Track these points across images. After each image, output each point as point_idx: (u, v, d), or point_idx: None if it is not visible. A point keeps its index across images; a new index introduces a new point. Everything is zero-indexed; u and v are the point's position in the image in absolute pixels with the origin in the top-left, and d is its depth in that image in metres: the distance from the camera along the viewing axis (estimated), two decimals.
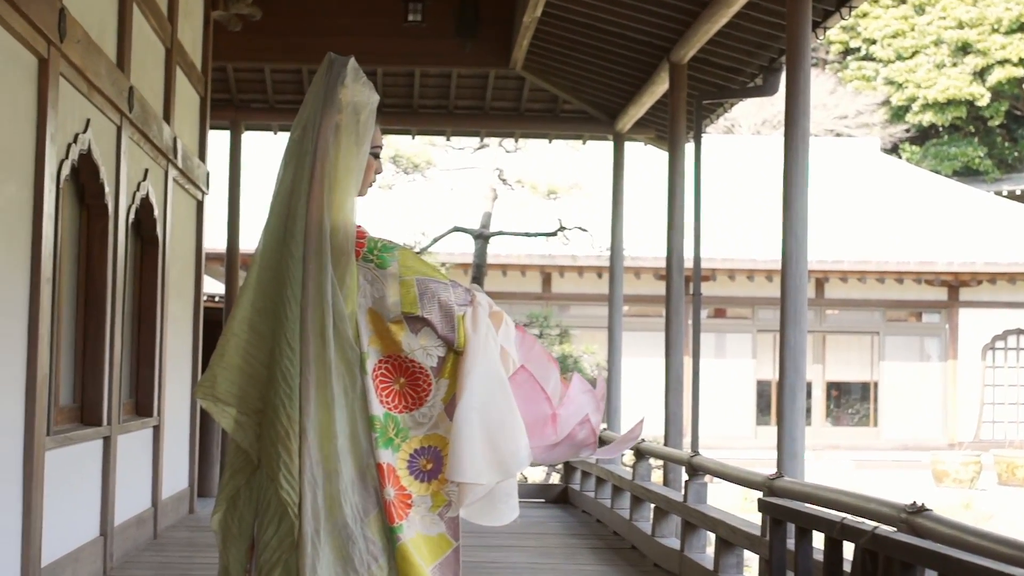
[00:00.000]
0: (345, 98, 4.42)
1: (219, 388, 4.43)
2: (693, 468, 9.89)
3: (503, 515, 4.40)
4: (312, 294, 4.35)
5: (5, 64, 7.01)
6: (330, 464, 4.33)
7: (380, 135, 4.61)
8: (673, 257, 13.11)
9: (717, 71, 13.85)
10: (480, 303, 4.34)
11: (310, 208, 4.39)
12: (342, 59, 4.48)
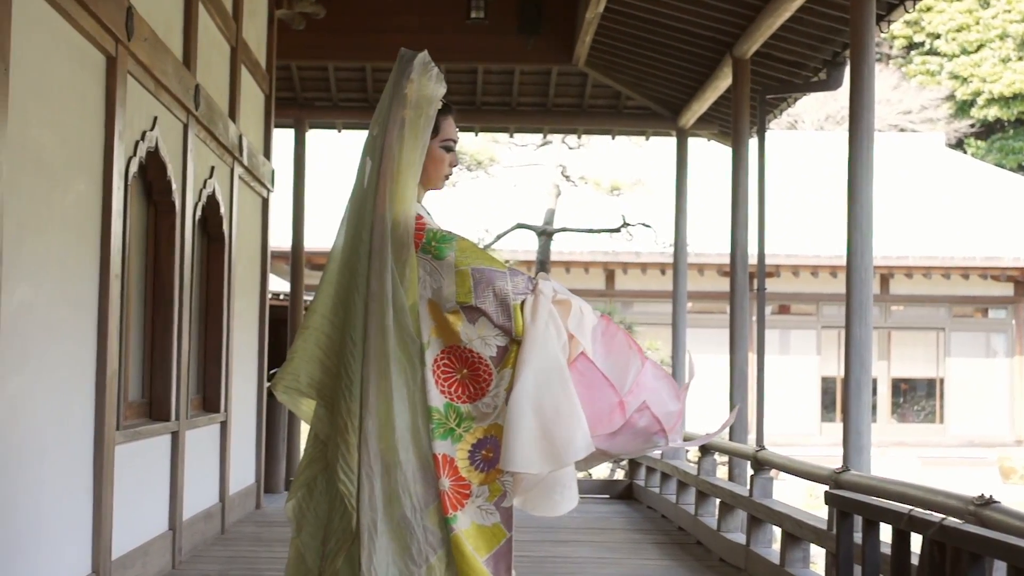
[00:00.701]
0: (411, 93, 4.48)
1: (300, 380, 4.53)
2: (759, 463, 9.87)
3: (559, 505, 4.38)
4: (375, 288, 4.42)
5: (75, 62, 7.08)
6: (390, 456, 4.38)
7: (453, 128, 4.65)
8: (737, 253, 13.09)
9: (780, 66, 13.80)
10: (542, 292, 4.34)
11: (376, 203, 4.46)
12: (410, 54, 4.54)
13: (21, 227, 6.18)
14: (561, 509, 4.40)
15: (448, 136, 4.64)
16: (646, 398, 4.23)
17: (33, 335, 6.43)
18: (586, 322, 4.37)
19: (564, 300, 4.37)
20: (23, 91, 6.12)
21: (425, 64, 4.56)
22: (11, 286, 5.98)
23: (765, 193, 13.14)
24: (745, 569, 9.77)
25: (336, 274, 4.57)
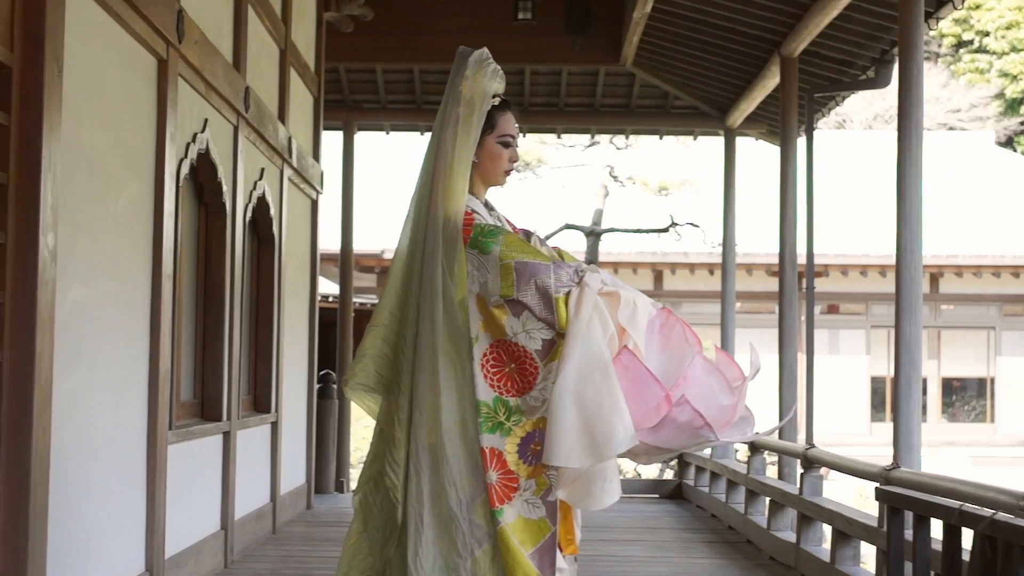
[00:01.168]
0: (465, 90, 4.54)
1: (368, 376, 4.60)
2: (808, 461, 9.86)
3: (599, 498, 4.37)
4: (427, 284, 4.47)
5: (126, 65, 7.15)
6: (438, 450, 4.42)
7: (511, 124, 4.67)
8: (786, 252, 13.05)
9: (828, 64, 13.76)
10: (587, 284, 4.34)
11: (431, 201, 4.52)
12: (467, 51, 4.60)
13: (75, 227, 6.25)
14: (603, 502, 4.39)
15: (505, 131, 4.66)
16: (689, 392, 4.20)
17: (86, 335, 6.49)
18: (639, 315, 4.34)
19: (612, 292, 4.35)
20: (76, 93, 6.19)
21: (480, 61, 4.61)
22: (65, 286, 6.04)
23: (814, 192, 13.11)
24: (795, 567, 9.76)
25: (400, 272, 4.64)
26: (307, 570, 9.76)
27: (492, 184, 4.75)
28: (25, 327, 5.57)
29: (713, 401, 4.23)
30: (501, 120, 4.67)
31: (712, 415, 4.22)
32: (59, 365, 5.93)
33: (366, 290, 28.95)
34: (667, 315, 4.43)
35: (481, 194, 4.73)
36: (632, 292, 4.42)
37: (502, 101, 4.69)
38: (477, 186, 4.71)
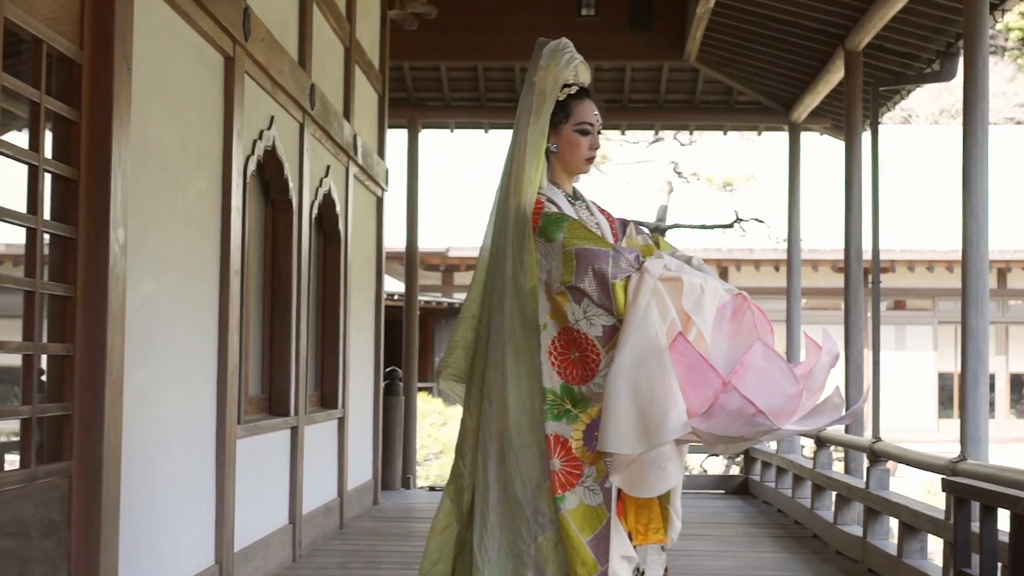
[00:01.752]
0: (539, 80, 4.59)
1: (459, 367, 4.66)
2: (874, 454, 9.83)
3: (654, 485, 4.33)
4: (500, 274, 4.52)
5: (194, 63, 7.23)
6: (506, 438, 4.46)
7: (589, 112, 4.67)
8: (851, 247, 13.00)
9: (893, 57, 13.69)
10: (647, 270, 4.31)
11: (508, 191, 4.59)
12: (544, 42, 4.66)
13: (145, 223, 6.32)
14: (657, 489, 4.35)
15: (582, 119, 4.66)
16: (746, 379, 4.12)
17: (156, 329, 6.57)
18: (706, 301, 4.30)
19: (674, 277, 4.32)
20: (145, 91, 6.26)
21: (554, 50, 4.64)
22: (135, 280, 6.11)
23: (879, 187, 13.05)
24: (862, 561, 9.73)
25: (484, 264, 4.70)
26: (374, 564, 9.82)
27: (574, 173, 4.75)
28: (96, 321, 5.64)
29: (774, 389, 4.16)
30: (578, 108, 4.66)
31: (772, 403, 4.12)
32: (130, 359, 6.00)
33: (431, 288, 29.03)
34: (741, 301, 4.38)
35: (564, 183, 4.73)
36: (701, 277, 4.37)
37: (580, 89, 4.69)
38: (559, 175, 4.72)
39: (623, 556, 4.40)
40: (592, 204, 4.83)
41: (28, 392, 5.23)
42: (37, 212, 5.23)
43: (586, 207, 4.77)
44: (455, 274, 29.88)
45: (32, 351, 5.23)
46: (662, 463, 4.29)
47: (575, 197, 4.76)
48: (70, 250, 5.55)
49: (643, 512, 4.48)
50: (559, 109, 4.64)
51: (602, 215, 4.80)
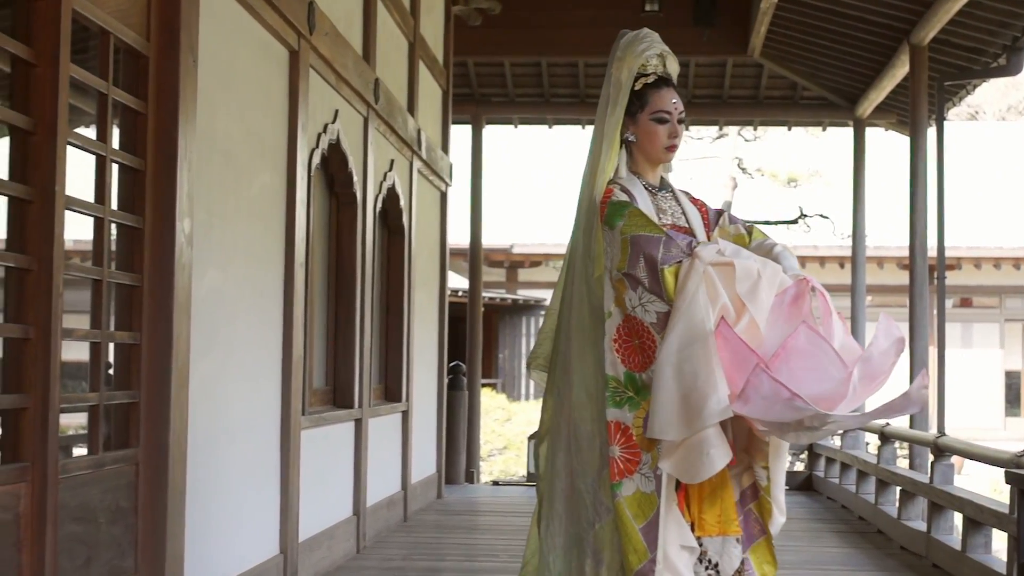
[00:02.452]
0: (615, 71, 4.63)
1: (547, 356, 4.73)
2: (939, 449, 9.78)
3: (699, 470, 4.24)
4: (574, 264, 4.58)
5: (259, 56, 7.29)
6: (573, 426, 4.50)
7: (667, 100, 4.65)
8: (916, 243, 12.97)
9: (959, 52, 13.63)
10: (699, 255, 4.26)
11: (585, 182, 4.65)
12: (623, 32, 4.69)
13: (210, 214, 6.38)
14: (702, 474, 4.26)
15: (659, 108, 4.63)
16: (789, 363, 4.07)
17: (222, 319, 6.63)
18: (762, 287, 4.24)
19: (726, 263, 4.28)
20: (210, 83, 6.32)
21: (631, 41, 4.66)
22: (201, 271, 6.18)
23: (944, 183, 12.98)
24: (926, 556, 9.69)
25: (568, 256, 4.74)
26: (438, 556, 9.86)
27: (655, 162, 4.72)
28: (163, 310, 5.71)
29: (821, 374, 4.12)
30: (655, 97, 4.64)
31: (821, 389, 4.06)
32: (195, 348, 6.06)
33: (495, 285, 29.06)
34: (803, 286, 4.31)
35: (646, 172, 4.72)
36: (759, 263, 4.31)
37: (659, 78, 4.67)
38: (641, 165, 4.72)
39: (682, 546, 4.36)
40: (683, 194, 4.81)
41: (96, 380, 5.30)
42: (105, 202, 5.30)
43: (672, 197, 4.76)
44: (519, 271, 29.88)
45: (100, 339, 5.30)
46: (705, 448, 4.21)
47: (660, 187, 4.75)
48: (137, 240, 5.62)
49: (712, 503, 4.44)
50: (636, 99, 4.63)
51: (693, 205, 4.78)
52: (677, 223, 4.66)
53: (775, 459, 4.49)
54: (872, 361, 4.17)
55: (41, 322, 4.75)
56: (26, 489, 4.69)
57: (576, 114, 17.57)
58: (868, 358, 4.16)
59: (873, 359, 4.17)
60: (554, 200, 28.17)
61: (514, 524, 11.92)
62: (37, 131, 4.76)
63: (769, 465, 4.48)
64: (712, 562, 4.43)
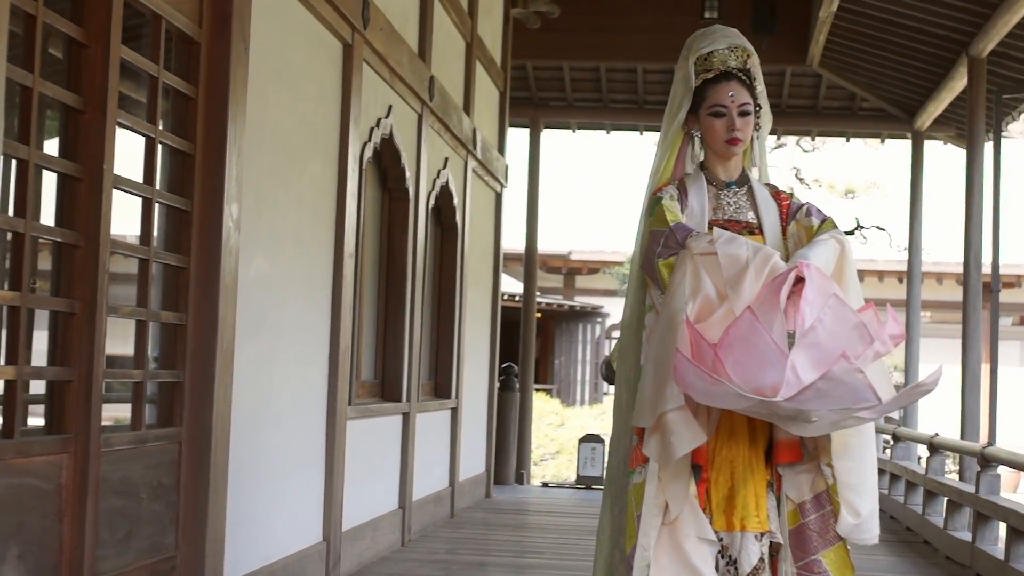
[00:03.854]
0: (679, 70, 4.68)
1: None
2: (985, 459, 9.77)
3: (664, 456, 4.28)
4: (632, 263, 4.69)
5: (312, 48, 7.39)
6: (616, 418, 4.60)
7: (723, 93, 4.60)
8: (971, 256, 12.98)
9: (1017, 65, 13.60)
10: (689, 247, 4.29)
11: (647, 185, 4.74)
12: (696, 32, 4.76)
13: (259, 201, 6.48)
14: (663, 460, 4.30)
15: (715, 102, 4.58)
16: (726, 350, 4.03)
17: (269, 305, 6.72)
18: (748, 275, 4.19)
19: (711, 252, 4.26)
20: (262, 73, 6.41)
21: (695, 38, 4.68)
22: (248, 256, 6.27)
23: (1000, 196, 12.94)
24: (970, 566, 9.68)
25: (634, 255, 4.83)
26: (484, 552, 9.92)
27: (721, 156, 4.67)
28: (209, 292, 5.80)
29: (760, 360, 4.02)
30: (712, 91, 4.60)
31: (761, 375, 4.01)
32: (241, 331, 6.15)
33: (552, 291, 29.12)
34: (785, 273, 4.18)
35: (716, 167, 4.69)
36: (750, 250, 4.25)
37: (721, 73, 4.62)
38: (711, 160, 4.70)
39: (700, 537, 4.37)
40: (766, 188, 4.74)
41: (141, 357, 5.40)
42: (152, 183, 5.40)
43: (747, 192, 4.70)
44: (577, 277, 29.93)
45: (145, 317, 5.40)
46: (666, 435, 4.24)
47: (734, 182, 4.70)
48: (184, 222, 5.72)
49: (733, 499, 4.44)
50: (697, 95, 4.62)
51: (775, 199, 4.70)
52: (739, 219, 4.62)
53: (840, 458, 4.40)
54: (819, 347, 4.03)
55: (87, 298, 4.85)
56: (68, 460, 4.79)
57: (634, 119, 17.62)
58: (812, 344, 4.03)
59: (820, 345, 4.04)
60: (612, 207, 28.21)
61: (562, 524, 11.98)
62: (87, 110, 4.86)
63: (833, 464, 4.41)
64: (732, 558, 4.44)
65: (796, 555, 4.41)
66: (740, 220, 4.61)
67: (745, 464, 4.42)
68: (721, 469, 4.44)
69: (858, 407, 4.01)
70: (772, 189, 4.72)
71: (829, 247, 4.40)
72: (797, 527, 4.42)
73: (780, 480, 4.47)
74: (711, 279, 4.24)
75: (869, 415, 4.12)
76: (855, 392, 3.96)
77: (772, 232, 4.58)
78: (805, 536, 4.40)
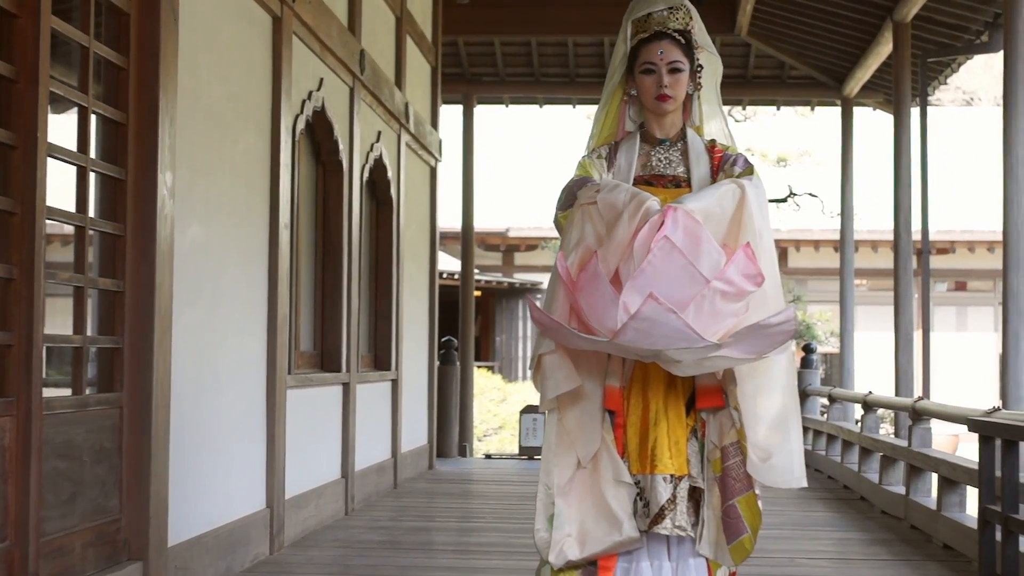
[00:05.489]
0: (620, 33, 4.83)
1: None
2: (917, 413, 9.95)
3: (542, 394, 4.57)
4: None
5: (241, 20, 7.47)
6: None
7: (651, 52, 4.68)
8: (900, 220, 13.20)
9: (941, 29, 13.77)
10: (578, 199, 4.51)
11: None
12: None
13: (193, 171, 6.56)
14: (542, 398, 4.58)
15: (645, 59, 4.68)
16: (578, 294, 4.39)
17: (206, 273, 6.82)
18: (622, 221, 4.34)
19: (591, 201, 4.46)
20: (192, 43, 6.50)
21: (633, 5, 4.81)
22: (183, 224, 6.36)
23: (928, 159, 13.16)
24: (905, 519, 9.86)
25: None
26: (427, 518, 10.05)
27: (655, 113, 4.75)
28: (145, 259, 5.90)
29: (598, 302, 4.29)
30: (643, 50, 4.69)
31: (594, 315, 4.28)
32: (179, 298, 6.24)
33: (492, 268, 29.22)
34: (658, 219, 4.31)
35: (652, 125, 4.78)
36: (627, 195, 4.39)
37: (654, 33, 4.69)
38: (647, 117, 4.79)
39: (616, 480, 4.52)
40: (697, 143, 4.77)
41: (80, 323, 5.50)
42: (87, 151, 5.49)
43: (681, 148, 4.77)
44: (515, 254, 30.06)
45: (83, 283, 5.50)
46: (542, 378, 4.52)
47: (668, 139, 4.78)
48: (119, 190, 5.82)
49: (644, 443, 4.56)
50: (632, 56, 4.73)
51: (709, 153, 4.75)
52: (665, 173, 4.71)
53: (744, 400, 4.52)
54: (648, 287, 4.17)
55: (25, 263, 4.94)
56: (11, 423, 4.89)
57: (567, 93, 17.74)
58: (642, 285, 4.18)
59: (650, 285, 4.18)
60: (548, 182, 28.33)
61: (505, 491, 12.13)
62: (19, 79, 4.95)
63: (740, 406, 4.52)
64: (645, 500, 4.53)
65: (724, 499, 4.51)
66: (666, 175, 4.70)
67: (659, 409, 4.53)
68: (633, 414, 4.57)
69: (681, 346, 4.16)
70: (710, 143, 4.78)
71: (721, 191, 4.46)
72: (723, 472, 4.52)
73: (704, 426, 4.58)
74: (592, 226, 4.41)
75: (738, 354, 4.26)
76: (675, 331, 4.11)
77: (700, 184, 4.65)
78: (727, 481, 4.50)
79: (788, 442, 4.51)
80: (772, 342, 4.27)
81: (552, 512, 4.54)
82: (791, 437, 4.52)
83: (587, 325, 4.32)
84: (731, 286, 4.23)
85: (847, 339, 16.89)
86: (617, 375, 4.56)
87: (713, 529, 4.53)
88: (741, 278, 4.24)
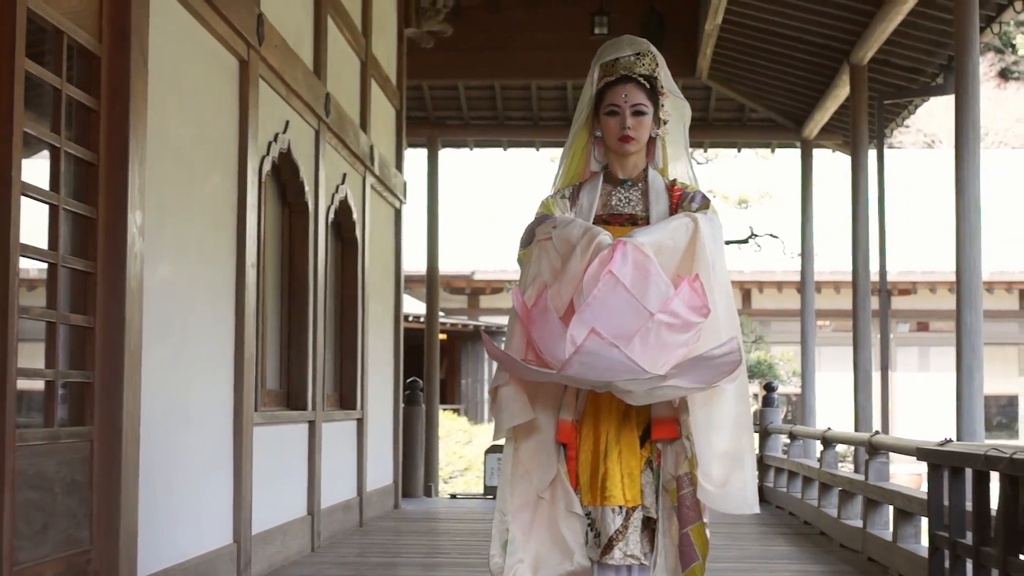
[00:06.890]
0: (588, 77, 5.00)
1: None
2: (873, 447, 10.13)
3: (496, 425, 4.76)
4: None
5: (210, 64, 7.63)
6: None
7: (615, 94, 4.83)
8: (859, 259, 13.40)
9: (897, 71, 14.01)
10: (536, 236, 4.70)
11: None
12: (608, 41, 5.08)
13: (162, 210, 6.71)
14: (495, 431, 4.77)
15: (610, 101, 4.83)
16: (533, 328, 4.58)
17: (175, 311, 6.95)
18: (575, 256, 4.52)
19: (546, 237, 4.66)
20: (161, 85, 6.64)
21: (606, 47, 4.97)
22: (153, 263, 6.49)
23: (885, 199, 13.35)
24: (862, 551, 10.02)
25: None
26: (393, 554, 10.17)
27: (618, 154, 4.91)
28: (115, 296, 6.02)
29: (547, 335, 4.47)
30: (608, 93, 4.84)
31: (545, 348, 4.47)
32: (148, 335, 6.37)
33: (457, 311, 29.32)
34: (606, 255, 4.47)
35: (616, 166, 4.93)
36: (580, 231, 4.58)
37: (619, 77, 4.83)
38: (611, 158, 4.94)
39: (568, 510, 4.68)
40: (658, 183, 4.90)
41: (51, 357, 5.62)
42: (58, 190, 5.63)
43: (639, 189, 4.90)
44: (481, 297, 30.16)
45: (55, 319, 5.62)
46: (497, 409, 4.69)
47: (630, 179, 4.92)
48: (90, 229, 5.94)
49: (595, 475, 4.68)
50: (598, 99, 4.87)
51: (668, 192, 4.87)
52: (623, 212, 4.85)
53: (696, 431, 4.61)
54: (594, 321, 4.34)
55: None
56: None
57: (530, 136, 17.94)
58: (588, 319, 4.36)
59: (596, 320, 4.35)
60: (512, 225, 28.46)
61: (470, 529, 12.24)
62: None
63: (692, 436, 4.62)
64: (596, 531, 4.67)
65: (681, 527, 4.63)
66: (624, 213, 4.85)
67: (611, 441, 4.66)
68: (584, 446, 4.70)
69: (626, 377, 4.32)
70: (671, 183, 4.90)
71: (674, 224, 4.61)
72: (678, 501, 4.64)
73: (660, 456, 4.70)
74: (548, 261, 4.60)
75: (686, 383, 4.41)
76: (618, 364, 4.28)
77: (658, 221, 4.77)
78: (682, 510, 4.63)
79: (741, 470, 4.62)
80: (719, 372, 4.42)
81: (507, 538, 4.69)
82: (744, 464, 4.63)
83: (541, 358, 4.48)
84: (676, 318, 4.39)
85: (808, 379, 17.09)
86: (570, 408, 4.71)
87: (671, 557, 4.64)
88: (686, 310, 4.40)
